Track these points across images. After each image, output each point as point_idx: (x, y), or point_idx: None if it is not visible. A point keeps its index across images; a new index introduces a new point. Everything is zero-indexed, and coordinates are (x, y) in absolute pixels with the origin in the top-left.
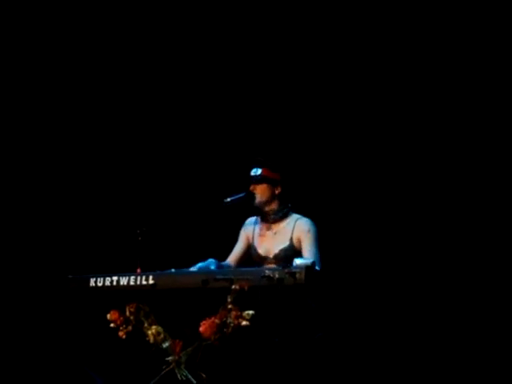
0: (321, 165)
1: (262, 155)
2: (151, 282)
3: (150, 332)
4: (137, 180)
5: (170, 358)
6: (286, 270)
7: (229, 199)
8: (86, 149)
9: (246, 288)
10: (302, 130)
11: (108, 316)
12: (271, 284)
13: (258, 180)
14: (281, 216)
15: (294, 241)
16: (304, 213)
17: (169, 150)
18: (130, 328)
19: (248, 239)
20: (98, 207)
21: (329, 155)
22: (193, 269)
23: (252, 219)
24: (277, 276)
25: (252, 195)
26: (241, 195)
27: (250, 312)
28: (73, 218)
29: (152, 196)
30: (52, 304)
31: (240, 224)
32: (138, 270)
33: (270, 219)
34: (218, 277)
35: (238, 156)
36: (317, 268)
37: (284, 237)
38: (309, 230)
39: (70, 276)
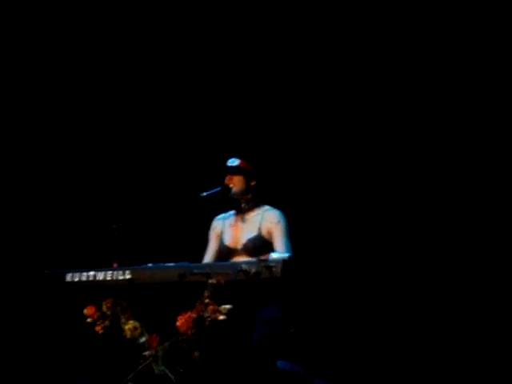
0: (294, 157)
1: (239, 147)
2: (128, 276)
3: (126, 327)
4: (113, 175)
5: (146, 353)
6: (263, 264)
7: (205, 193)
8: (61, 144)
9: (222, 282)
10: (275, 124)
11: (84, 311)
12: (248, 278)
13: (235, 171)
14: (251, 206)
15: (263, 231)
16: (277, 205)
17: (145, 145)
18: (106, 323)
19: (218, 236)
20: (75, 202)
21: (298, 147)
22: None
23: (219, 216)
24: (253, 270)
25: (227, 188)
26: (217, 189)
27: (227, 306)
28: (49, 213)
29: (128, 191)
30: (28, 299)
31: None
32: (115, 265)
33: (241, 209)
34: (195, 271)
35: (213, 150)
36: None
37: (252, 226)
38: (278, 221)
39: (46, 271)
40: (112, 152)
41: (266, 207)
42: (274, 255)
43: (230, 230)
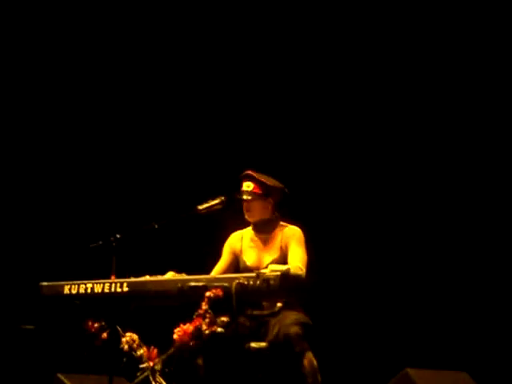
0: (305, 170)
1: (251, 169)
2: (125, 289)
3: (124, 339)
4: (110, 187)
5: (144, 365)
6: (261, 277)
7: (203, 206)
8: (59, 154)
9: (220, 295)
10: (285, 136)
11: (83, 323)
12: (246, 291)
13: (252, 199)
14: (272, 226)
15: (284, 250)
16: (292, 218)
17: (143, 158)
18: (104, 335)
19: (235, 254)
20: (73, 214)
21: (312, 161)
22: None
23: (237, 234)
24: (251, 283)
25: (230, 201)
26: (216, 202)
27: (225, 319)
28: (47, 224)
29: (126, 203)
30: (26, 311)
31: (213, 231)
32: (113, 277)
33: (261, 230)
34: (193, 284)
35: (213, 162)
36: (299, 267)
37: (274, 247)
38: (294, 235)
39: (45, 283)
40: (111, 164)
41: (284, 225)
42: (272, 267)
43: (251, 251)
